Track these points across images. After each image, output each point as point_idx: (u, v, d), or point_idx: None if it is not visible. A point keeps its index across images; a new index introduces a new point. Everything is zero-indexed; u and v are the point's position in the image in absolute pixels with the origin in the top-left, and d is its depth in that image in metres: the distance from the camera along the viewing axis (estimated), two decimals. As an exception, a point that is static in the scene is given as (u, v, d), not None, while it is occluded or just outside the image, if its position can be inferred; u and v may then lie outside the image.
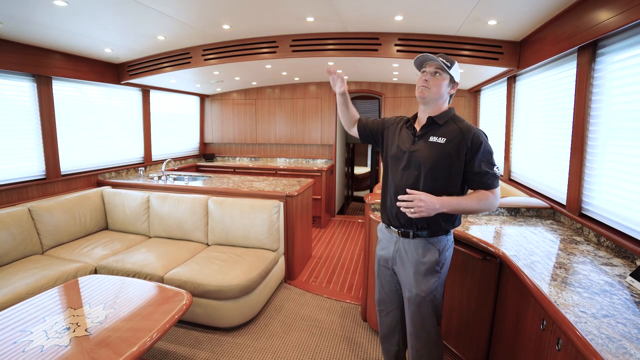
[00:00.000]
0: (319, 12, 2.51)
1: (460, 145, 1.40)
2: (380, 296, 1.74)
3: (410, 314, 1.55)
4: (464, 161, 1.41)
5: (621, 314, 1.10)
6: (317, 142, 5.47)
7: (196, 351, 2.21)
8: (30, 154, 3.12)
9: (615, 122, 1.74)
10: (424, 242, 1.50)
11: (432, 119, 1.48)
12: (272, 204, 2.90)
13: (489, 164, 1.42)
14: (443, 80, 1.45)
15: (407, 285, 1.53)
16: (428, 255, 1.49)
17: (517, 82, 3.14)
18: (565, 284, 1.32)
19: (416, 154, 1.47)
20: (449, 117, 1.49)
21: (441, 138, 1.44)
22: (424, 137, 1.48)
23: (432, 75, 1.45)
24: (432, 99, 1.46)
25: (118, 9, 2.34)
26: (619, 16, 1.59)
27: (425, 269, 1.49)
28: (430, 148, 1.44)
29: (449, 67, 1.43)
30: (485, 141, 1.42)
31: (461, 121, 1.48)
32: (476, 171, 1.41)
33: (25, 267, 2.45)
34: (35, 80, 3.09)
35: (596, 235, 1.79)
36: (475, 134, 1.42)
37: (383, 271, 1.68)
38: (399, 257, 1.56)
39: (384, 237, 1.67)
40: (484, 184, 1.43)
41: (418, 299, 1.50)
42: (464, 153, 1.40)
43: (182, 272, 2.46)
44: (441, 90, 1.45)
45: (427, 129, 1.49)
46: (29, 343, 1.52)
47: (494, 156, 1.44)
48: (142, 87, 4.36)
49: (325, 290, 3.06)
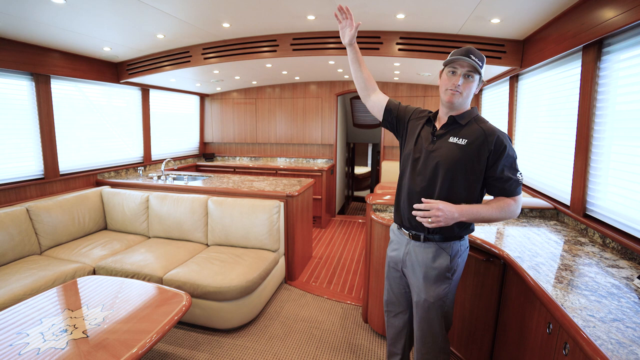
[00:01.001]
0: (319, 10, 2.49)
1: (482, 148, 1.32)
2: (388, 297, 1.70)
3: (418, 318, 1.51)
4: (485, 165, 1.34)
5: (630, 318, 1.08)
6: (317, 142, 5.45)
7: (196, 353, 2.18)
8: (28, 154, 3.10)
9: (621, 122, 1.72)
10: (435, 247, 1.44)
11: (453, 119, 1.40)
12: (272, 204, 2.88)
13: (512, 169, 1.34)
14: (474, 83, 1.36)
15: (416, 289, 1.49)
16: (439, 261, 1.43)
17: (519, 81, 3.11)
18: (571, 286, 1.29)
19: (434, 154, 1.39)
20: (471, 117, 1.40)
21: (462, 139, 1.35)
22: (444, 136, 1.40)
23: (464, 78, 1.34)
24: (460, 105, 1.39)
25: (117, 7, 2.31)
26: (625, 14, 1.56)
27: (436, 274, 1.43)
28: (449, 149, 1.36)
29: (481, 67, 1.33)
30: (509, 145, 1.33)
31: (484, 122, 1.38)
32: (498, 176, 1.34)
33: (23, 267, 2.43)
34: (33, 79, 3.06)
35: (601, 236, 1.76)
36: (500, 137, 1.32)
37: (392, 273, 1.63)
38: (409, 260, 1.51)
39: (395, 239, 1.61)
40: (506, 191, 1.35)
41: (426, 305, 1.46)
42: (486, 157, 1.32)
43: (182, 273, 2.43)
44: (471, 93, 1.38)
45: (448, 129, 1.41)
46: (25, 345, 1.50)
47: (517, 161, 1.36)
48: (142, 86, 4.33)
49: (326, 291, 3.03)
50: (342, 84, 5.21)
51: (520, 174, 1.36)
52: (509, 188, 1.35)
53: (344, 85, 5.21)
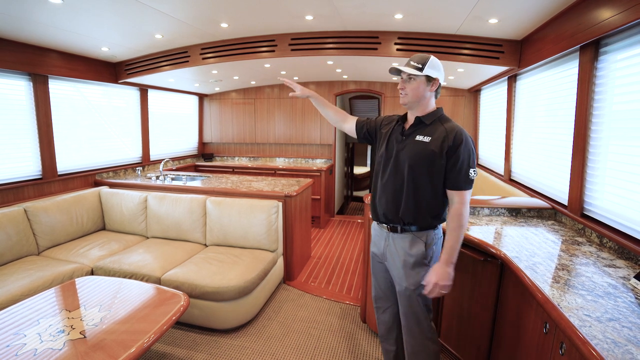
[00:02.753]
0: (318, 10, 2.49)
1: (443, 143, 1.44)
2: (376, 293, 1.78)
3: (403, 309, 1.60)
4: (446, 160, 1.44)
5: (626, 318, 1.08)
6: (316, 142, 5.45)
7: (194, 353, 2.18)
8: (26, 154, 3.09)
9: (618, 122, 1.72)
10: (411, 236, 1.54)
11: (419, 119, 1.53)
12: (270, 204, 2.88)
13: (465, 164, 1.43)
14: (418, 84, 1.49)
15: (398, 279, 1.58)
16: (415, 248, 1.53)
17: (517, 81, 3.11)
18: (568, 286, 1.30)
19: (403, 152, 1.52)
20: (436, 117, 1.53)
21: (426, 137, 1.48)
22: (411, 136, 1.53)
23: (406, 81, 1.51)
24: (413, 103, 1.52)
25: (115, 7, 2.31)
26: (621, 14, 1.56)
27: (413, 261, 1.53)
28: (415, 146, 1.49)
29: (421, 69, 1.47)
30: (466, 141, 1.44)
31: (448, 121, 1.51)
32: (450, 169, 1.44)
33: (21, 268, 2.42)
34: (31, 79, 3.05)
35: (598, 236, 1.77)
36: (458, 132, 1.44)
37: (377, 267, 1.74)
38: (389, 252, 1.62)
39: (376, 234, 1.72)
40: (455, 183, 1.45)
41: (407, 292, 1.55)
42: (445, 151, 1.43)
43: (180, 273, 2.43)
44: (419, 93, 1.50)
45: (415, 128, 1.54)
46: (22, 346, 1.49)
47: (473, 159, 1.45)
48: (140, 86, 4.33)
49: (325, 291, 3.03)
50: (341, 84, 5.21)
51: (474, 171, 1.45)
52: (457, 181, 1.44)
53: (342, 85, 5.21)
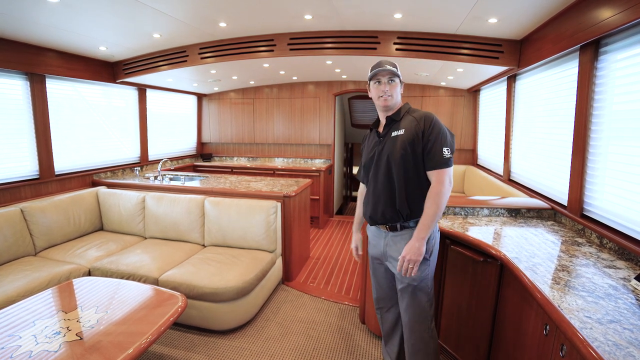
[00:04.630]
0: (316, 9, 2.47)
1: (417, 130, 1.51)
2: (378, 294, 1.80)
3: (405, 305, 1.62)
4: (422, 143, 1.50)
5: (627, 320, 1.07)
6: (315, 142, 5.43)
7: (191, 354, 2.17)
8: (23, 154, 3.07)
9: (618, 122, 1.71)
10: (410, 233, 1.56)
11: (390, 118, 1.61)
12: (269, 205, 2.86)
13: (439, 144, 1.48)
14: (397, 85, 1.58)
15: (399, 276, 1.60)
16: None
17: (517, 81, 3.11)
18: (569, 287, 1.29)
19: (384, 151, 1.58)
20: (404, 111, 1.61)
21: (401, 130, 1.55)
22: (387, 134, 1.60)
23: (389, 84, 1.57)
24: (394, 105, 1.60)
25: (112, 6, 2.30)
26: (622, 14, 1.55)
27: None
28: (393, 142, 1.56)
29: (397, 71, 1.57)
30: (436, 122, 1.51)
31: (415, 111, 1.59)
32: (426, 150, 1.49)
33: (17, 268, 2.40)
34: (28, 78, 3.03)
35: (598, 236, 1.76)
36: (427, 116, 1.52)
37: (378, 268, 1.75)
38: (390, 251, 1.63)
39: (372, 235, 1.74)
40: (431, 164, 1.49)
41: (410, 288, 1.57)
42: (421, 136, 1.50)
43: (178, 274, 2.42)
44: (398, 93, 1.60)
45: (389, 128, 1.61)
46: (17, 348, 1.48)
47: (446, 138, 1.50)
48: (139, 86, 4.31)
49: (323, 291, 3.02)
50: (340, 84, 5.20)
51: (447, 149, 1.48)
52: (432, 161, 1.48)
53: (341, 85, 5.20)
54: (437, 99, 4.84)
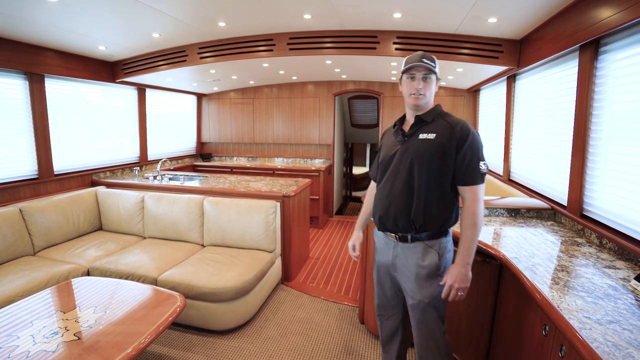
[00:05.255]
0: (316, 9, 2.47)
1: (451, 138, 1.39)
2: (380, 301, 1.69)
3: (416, 322, 1.50)
4: (455, 155, 1.39)
5: (627, 320, 1.06)
6: (315, 142, 5.43)
7: (190, 354, 2.16)
8: (22, 153, 3.07)
9: (618, 122, 1.71)
10: (422, 246, 1.45)
11: (420, 118, 1.47)
12: (268, 205, 2.86)
13: (476, 157, 1.38)
14: (433, 83, 1.45)
15: (410, 292, 1.49)
16: (428, 259, 1.44)
17: (517, 81, 3.10)
18: (568, 287, 1.28)
19: (407, 152, 1.46)
20: (436, 113, 1.48)
21: (430, 134, 1.43)
22: (414, 135, 1.47)
23: (423, 81, 1.43)
24: (425, 104, 1.48)
25: (112, 5, 2.29)
26: (621, 13, 1.55)
27: (426, 273, 1.44)
28: (420, 144, 1.44)
29: (434, 67, 1.43)
30: (473, 132, 1.40)
31: (449, 116, 1.47)
32: (460, 163, 1.38)
33: (16, 268, 2.40)
34: (27, 78, 3.03)
35: (598, 237, 1.75)
36: (464, 126, 1.40)
37: (384, 276, 1.63)
38: (399, 263, 1.52)
39: (380, 243, 1.62)
40: (466, 179, 1.39)
41: (421, 306, 1.46)
42: (454, 146, 1.38)
43: (177, 274, 2.41)
44: (432, 92, 1.47)
45: (416, 128, 1.48)
46: (15, 348, 1.47)
47: (482, 151, 1.41)
48: (138, 85, 4.31)
49: (323, 291, 3.01)
50: (340, 84, 5.19)
51: (484, 163, 1.39)
52: (468, 176, 1.38)
53: (341, 85, 5.19)
54: (437, 98, 4.77)
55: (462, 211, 1.41)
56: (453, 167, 1.40)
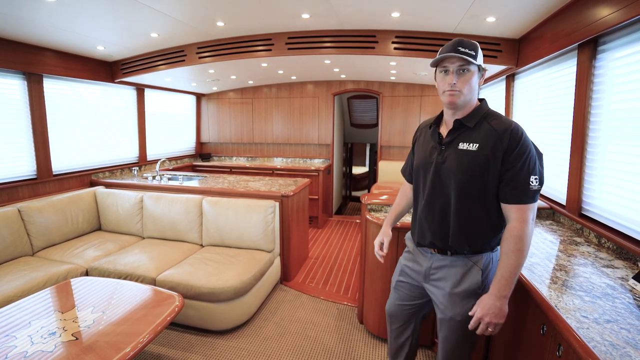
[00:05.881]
0: (314, 8, 2.47)
1: (496, 149, 1.15)
2: (393, 309, 1.57)
3: (442, 336, 1.38)
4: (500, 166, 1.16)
5: (624, 319, 1.06)
6: (314, 142, 5.43)
7: (189, 354, 2.16)
8: (21, 154, 3.06)
9: (617, 121, 1.70)
10: (464, 261, 1.28)
11: (460, 122, 1.23)
12: (267, 204, 2.86)
13: (525, 171, 1.13)
14: (473, 76, 1.18)
15: (441, 306, 1.34)
16: (470, 276, 1.27)
17: (515, 80, 3.10)
18: (566, 287, 1.28)
19: (444, 165, 1.25)
20: (480, 115, 1.22)
21: (473, 144, 1.19)
22: (452, 144, 1.25)
23: (458, 75, 1.18)
24: (465, 103, 1.22)
25: (110, 5, 2.29)
26: (620, 11, 1.55)
27: (464, 290, 1.28)
28: (460, 158, 1.21)
29: (475, 56, 1.16)
30: (525, 141, 1.15)
31: (496, 118, 1.21)
32: (506, 177, 1.15)
33: (14, 268, 2.40)
34: (25, 78, 3.03)
35: (597, 236, 1.75)
36: (514, 131, 1.15)
37: (404, 284, 1.49)
38: (434, 275, 1.35)
39: (414, 249, 1.46)
40: (512, 197, 1.15)
41: (452, 324, 1.31)
42: (501, 157, 1.15)
43: (175, 274, 2.41)
44: (473, 88, 1.20)
45: (456, 134, 1.25)
46: (13, 349, 1.47)
47: (535, 163, 1.15)
48: (137, 85, 4.30)
49: (322, 291, 3.01)
50: (339, 84, 5.19)
51: (536, 178, 1.14)
52: (514, 193, 1.15)
53: (340, 84, 5.19)
54: (437, 98, 4.83)
55: (504, 233, 1.20)
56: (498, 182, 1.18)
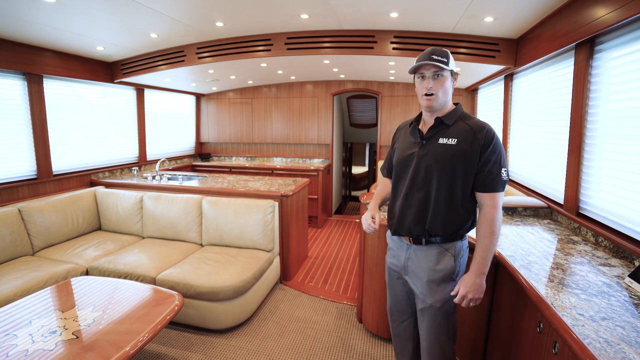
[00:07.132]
0: (313, 8, 2.48)
1: (474, 144, 1.31)
2: (392, 306, 1.66)
3: (424, 327, 1.46)
4: (477, 160, 1.32)
5: (620, 317, 1.07)
6: (313, 142, 5.44)
7: (189, 353, 2.17)
8: (21, 154, 3.07)
9: (613, 120, 1.71)
10: (438, 249, 1.41)
11: (440, 120, 1.38)
12: (266, 204, 2.87)
13: (496, 164, 1.31)
14: (446, 80, 1.35)
15: (421, 295, 1.44)
16: (443, 262, 1.40)
17: (514, 80, 3.11)
18: (563, 285, 1.29)
19: (426, 158, 1.37)
20: (457, 115, 1.39)
21: (452, 139, 1.34)
22: (433, 139, 1.39)
23: (433, 79, 1.34)
24: (441, 105, 1.38)
25: (110, 6, 2.30)
26: (616, 11, 1.56)
27: (440, 277, 1.40)
28: (440, 150, 1.35)
29: (447, 63, 1.32)
30: (497, 138, 1.32)
31: (471, 119, 1.38)
32: (481, 169, 1.32)
33: (15, 268, 2.41)
34: (25, 78, 3.03)
35: (594, 235, 1.76)
36: (488, 129, 1.32)
37: (395, 280, 1.60)
38: (411, 266, 1.47)
39: (394, 245, 1.58)
40: (486, 186, 1.32)
41: (432, 310, 1.42)
42: (478, 152, 1.31)
43: (175, 273, 2.42)
44: (447, 90, 1.36)
45: (436, 131, 1.39)
46: (14, 347, 1.48)
47: (504, 157, 1.34)
48: (136, 85, 4.31)
49: (321, 291, 3.02)
50: (338, 84, 5.20)
51: (505, 170, 1.33)
52: (488, 183, 1.32)
53: (340, 84, 5.20)
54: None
55: (479, 218, 1.36)
56: (474, 174, 1.34)
